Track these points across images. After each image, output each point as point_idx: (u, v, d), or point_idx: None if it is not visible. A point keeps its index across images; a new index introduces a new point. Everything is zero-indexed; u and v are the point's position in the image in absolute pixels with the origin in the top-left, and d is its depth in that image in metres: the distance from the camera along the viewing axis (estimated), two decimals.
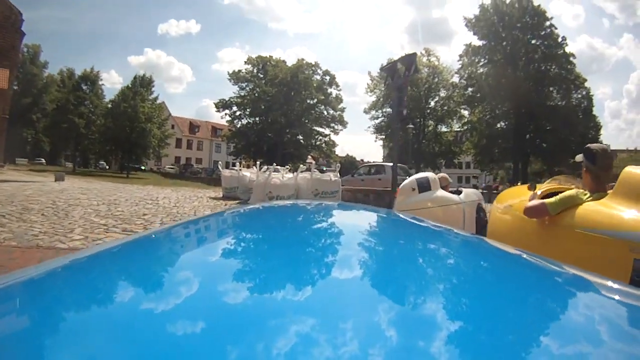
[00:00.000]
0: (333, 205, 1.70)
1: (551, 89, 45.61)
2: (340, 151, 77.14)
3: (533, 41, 45.37)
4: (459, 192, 5.72)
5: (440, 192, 5.47)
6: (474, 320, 0.57)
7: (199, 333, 0.47)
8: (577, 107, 44.26)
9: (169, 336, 0.47)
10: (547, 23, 45.35)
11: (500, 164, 51.31)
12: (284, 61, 57.59)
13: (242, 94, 56.61)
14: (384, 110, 52.10)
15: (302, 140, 57.04)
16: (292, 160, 49.44)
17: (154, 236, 1.06)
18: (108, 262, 0.82)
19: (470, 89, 48.21)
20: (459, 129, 53.44)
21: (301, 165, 12.99)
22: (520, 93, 41.40)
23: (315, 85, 55.11)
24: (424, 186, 5.44)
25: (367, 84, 55.18)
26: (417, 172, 37.78)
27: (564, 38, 45.89)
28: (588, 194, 2.58)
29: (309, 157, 57.17)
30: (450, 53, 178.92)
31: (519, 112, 43.01)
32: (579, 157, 2.81)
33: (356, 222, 1.32)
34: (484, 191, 19.15)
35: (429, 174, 5.90)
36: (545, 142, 43.78)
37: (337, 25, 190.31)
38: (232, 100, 56.07)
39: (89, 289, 0.65)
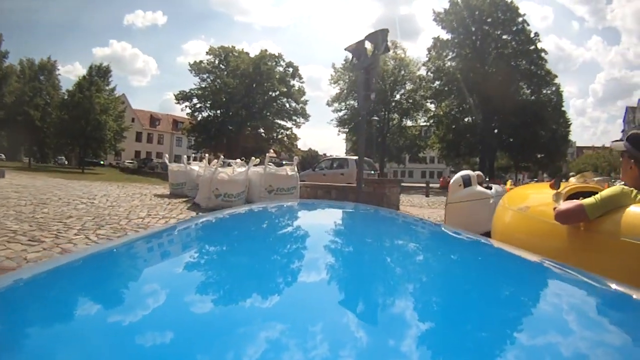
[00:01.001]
0: (302, 206, 1.69)
1: (521, 84, 45.03)
2: (302, 145, 76.02)
3: (504, 36, 44.86)
4: (490, 188, 6.70)
5: (479, 188, 6.40)
6: (475, 321, 0.55)
7: (181, 339, 0.47)
8: (548, 103, 43.86)
9: (145, 343, 0.47)
10: (520, 19, 44.91)
11: (467, 158, 49.97)
12: (246, 52, 55.68)
13: (203, 85, 54.39)
14: (347, 102, 50.73)
15: (263, 134, 55.26)
16: (255, 155, 47.50)
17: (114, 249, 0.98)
18: (98, 265, 0.82)
19: (437, 82, 47.08)
20: (424, 123, 52.33)
21: (253, 158, 11.45)
22: (489, 87, 40.52)
23: (277, 77, 53.19)
24: (467, 182, 6.38)
25: (331, 75, 53.69)
26: (380, 166, 37.00)
27: (536, 34, 45.61)
28: (636, 192, 2.03)
29: (271, 150, 54.98)
30: (416, 49, 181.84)
31: (488, 106, 42.06)
32: (619, 145, 2.27)
33: (324, 220, 1.37)
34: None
35: (469, 172, 6.77)
36: (513, 137, 43.20)
37: (304, 19, 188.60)
38: (192, 92, 53.78)
39: (78, 292, 0.65)
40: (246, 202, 10.26)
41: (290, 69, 55.52)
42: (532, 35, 45.11)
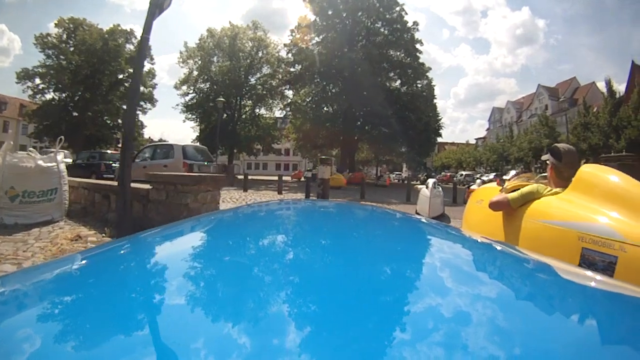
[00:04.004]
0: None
1: (392, 74, 43.46)
2: (157, 136, 70.30)
3: (378, 23, 42.57)
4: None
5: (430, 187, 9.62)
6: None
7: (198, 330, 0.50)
8: (420, 95, 42.24)
9: (161, 335, 0.49)
10: (397, 8, 42.71)
11: (325, 150, 47.74)
12: (98, 26, 47.54)
13: (49, 63, 45.61)
14: (197, 86, 45.85)
15: (107, 121, 48.30)
16: (99, 145, 42.08)
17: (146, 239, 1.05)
18: (98, 265, 0.85)
19: (298, 67, 43.27)
20: (280, 110, 48.54)
21: (7, 143, 7.44)
22: (356, 75, 38.06)
23: (127, 56, 46.29)
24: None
25: (180, 53, 47.94)
26: (229, 157, 32.97)
27: (415, 23, 43.75)
28: (549, 189, 2.76)
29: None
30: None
31: (353, 95, 39.17)
32: (546, 156, 3.07)
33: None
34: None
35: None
36: (380, 128, 41.02)
37: (175, 7, 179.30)
38: (35, 70, 45.04)
39: (78, 292, 0.67)
40: None
41: None
42: (409, 24, 43.31)
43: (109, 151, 25.17)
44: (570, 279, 0.83)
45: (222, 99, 31.95)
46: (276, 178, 22.57)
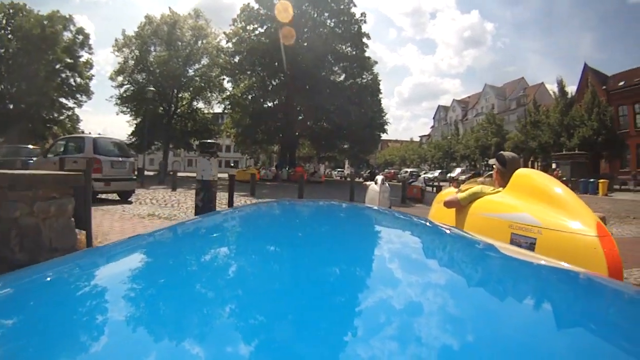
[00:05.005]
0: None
1: (336, 68, 42.00)
2: (102, 131, 66.38)
3: (325, 15, 40.70)
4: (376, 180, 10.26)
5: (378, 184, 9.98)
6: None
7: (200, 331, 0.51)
8: (365, 90, 40.78)
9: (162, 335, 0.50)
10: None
11: (265, 146, 46.56)
12: (39, 12, 42.57)
13: None
14: (134, 76, 42.53)
15: (44, 114, 43.71)
16: (35, 140, 38.24)
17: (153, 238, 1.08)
18: (99, 265, 0.85)
19: (238, 57, 40.54)
20: (219, 103, 45.40)
21: None
22: (299, 68, 36.52)
23: (64, 44, 42.40)
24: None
25: (115, 40, 43.75)
26: (165, 152, 29.58)
27: (363, 14, 42.19)
28: (491, 188, 3.20)
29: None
30: None
31: (295, 89, 37.54)
32: (492, 161, 3.84)
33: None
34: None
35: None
36: (323, 123, 39.92)
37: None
38: None
39: (78, 292, 0.68)
40: None
41: (81, 37, 44.51)
42: (357, 16, 41.70)
43: (29, 146, 22.54)
44: (506, 253, 1.02)
45: (152, 89, 29.63)
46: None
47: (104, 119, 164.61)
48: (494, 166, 3.42)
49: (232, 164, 69.36)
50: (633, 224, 11.84)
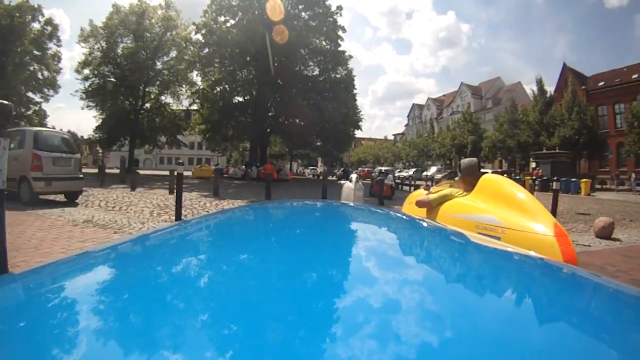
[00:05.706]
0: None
1: (310, 63, 40.72)
2: (66, 127, 63.85)
3: (299, 7, 39.20)
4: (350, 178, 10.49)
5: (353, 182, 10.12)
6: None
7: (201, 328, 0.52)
8: (340, 83, 39.70)
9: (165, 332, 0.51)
10: None
11: (235, 143, 45.29)
12: (10, 3, 39.16)
13: None
14: (101, 68, 40.36)
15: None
16: None
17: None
18: (114, 261, 0.90)
19: (207, 50, 38.85)
20: (187, 98, 43.68)
21: None
22: (271, 62, 35.01)
23: (32, 36, 39.63)
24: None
25: (81, 30, 41.66)
26: (131, 149, 25.89)
27: (339, 7, 40.56)
28: (460, 191, 3.47)
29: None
30: None
31: (267, 84, 36.08)
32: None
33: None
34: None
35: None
36: (295, 119, 38.79)
37: None
38: None
39: (78, 292, 0.68)
40: None
41: (49, 28, 41.58)
42: (333, 9, 40.23)
43: None
44: (475, 241, 1.16)
45: (112, 80, 28.00)
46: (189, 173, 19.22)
47: (77, 115, 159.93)
48: (459, 172, 3.71)
49: (198, 165, 67.39)
50: (634, 228, 10.93)
